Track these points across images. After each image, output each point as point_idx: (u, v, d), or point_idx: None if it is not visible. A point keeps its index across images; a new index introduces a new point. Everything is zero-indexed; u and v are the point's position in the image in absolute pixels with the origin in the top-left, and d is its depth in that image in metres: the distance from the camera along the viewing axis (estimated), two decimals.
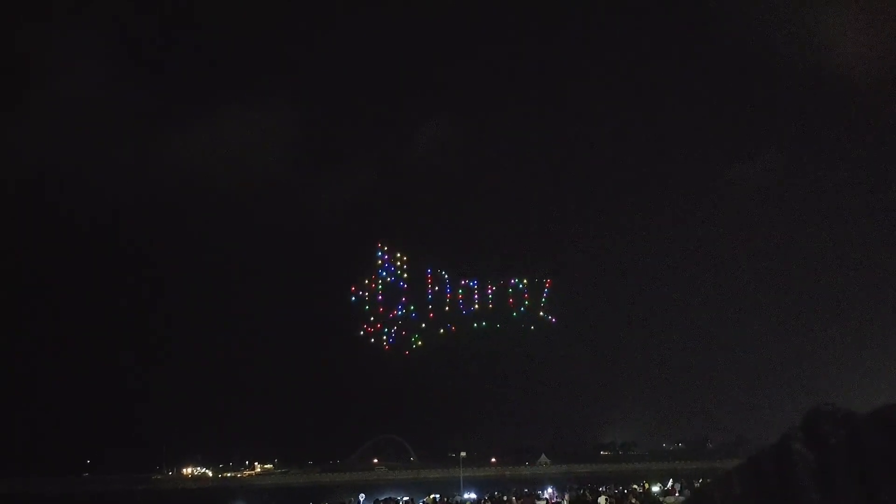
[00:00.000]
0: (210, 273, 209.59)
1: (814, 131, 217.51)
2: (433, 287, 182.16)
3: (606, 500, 27.35)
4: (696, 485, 39.59)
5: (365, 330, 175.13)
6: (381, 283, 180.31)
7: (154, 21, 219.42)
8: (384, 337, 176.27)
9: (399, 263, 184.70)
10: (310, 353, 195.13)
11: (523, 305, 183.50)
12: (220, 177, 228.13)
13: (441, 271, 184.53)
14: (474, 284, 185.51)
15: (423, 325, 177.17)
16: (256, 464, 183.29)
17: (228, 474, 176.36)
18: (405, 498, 43.42)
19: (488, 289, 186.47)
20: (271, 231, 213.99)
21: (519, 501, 39.08)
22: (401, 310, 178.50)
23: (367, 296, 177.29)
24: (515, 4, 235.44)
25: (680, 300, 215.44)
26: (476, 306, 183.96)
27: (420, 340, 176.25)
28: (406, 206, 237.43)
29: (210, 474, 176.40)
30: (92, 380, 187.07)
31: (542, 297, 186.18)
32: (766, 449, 1.10)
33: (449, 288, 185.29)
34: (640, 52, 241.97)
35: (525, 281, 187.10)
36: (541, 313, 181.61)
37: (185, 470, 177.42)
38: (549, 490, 39.17)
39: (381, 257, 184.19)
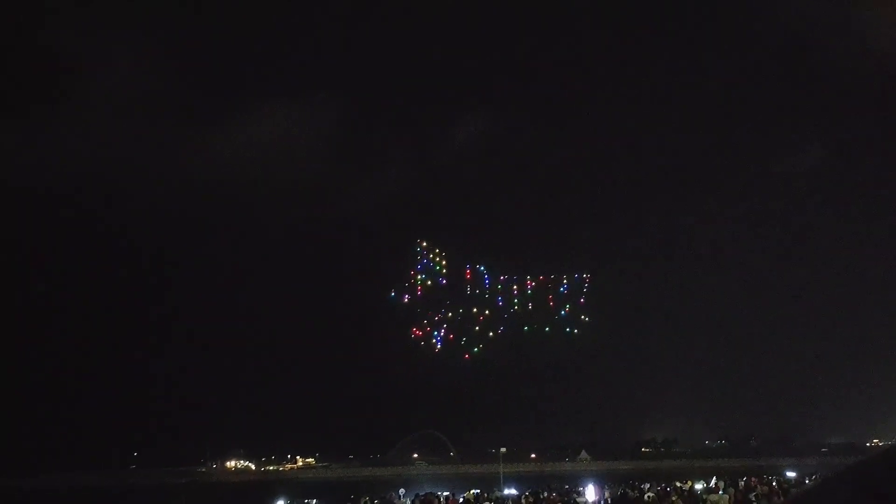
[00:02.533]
0: (253, 270, 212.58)
1: (860, 123, 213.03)
2: (473, 288, 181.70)
3: (649, 497, 27.01)
4: (741, 483, 38.92)
5: (414, 333, 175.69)
6: (420, 279, 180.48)
7: (192, 20, 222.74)
8: (433, 340, 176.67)
9: (438, 259, 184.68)
10: (351, 349, 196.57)
11: (564, 309, 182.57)
12: (258, 175, 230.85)
13: (480, 267, 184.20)
14: (514, 280, 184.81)
15: (477, 328, 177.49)
16: (298, 458, 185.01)
17: (271, 468, 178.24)
18: (445, 493, 43.42)
19: (527, 284, 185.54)
20: (312, 227, 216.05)
21: (558, 498, 38.82)
22: (444, 312, 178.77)
23: (410, 297, 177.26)
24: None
25: (724, 295, 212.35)
26: (516, 306, 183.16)
27: (480, 345, 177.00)
28: (444, 202, 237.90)
29: (253, 468, 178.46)
30: (139, 375, 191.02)
31: (583, 292, 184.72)
32: (878, 453, 1.01)
33: (488, 284, 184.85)
34: (681, 44, 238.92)
35: (565, 277, 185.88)
36: (582, 316, 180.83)
37: (228, 463, 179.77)
38: (591, 486, 38.84)
39: (421, 253, 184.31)
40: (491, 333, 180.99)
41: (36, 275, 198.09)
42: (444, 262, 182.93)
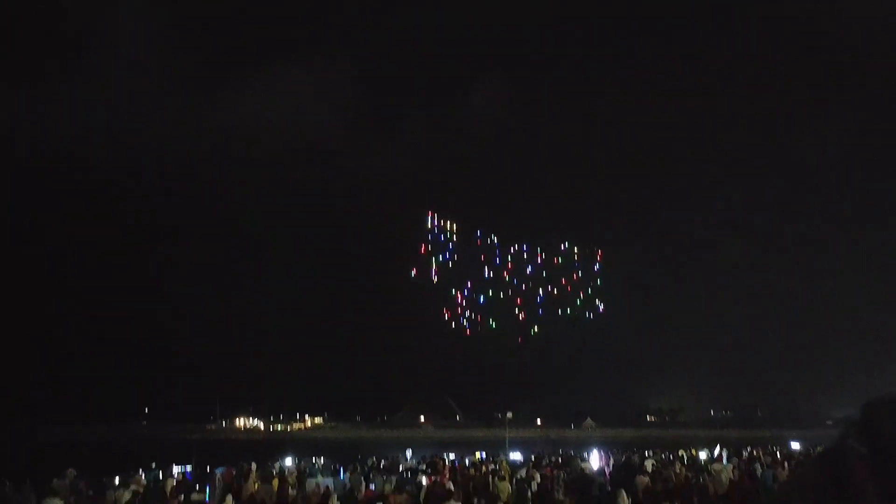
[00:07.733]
0: (265, 236, 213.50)
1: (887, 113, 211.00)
2: (486, 261, 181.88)
3: (653, 465, 27.28)
4: (745, 453, 39.21)
5: (446, 314, 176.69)
6: (433, 259, 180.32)
7: None
8: (463, 323, 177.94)
9: (448, 230, 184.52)
10: (362, 313, 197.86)
11: (580, 295, 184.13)
12: (267, 143, 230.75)
13: (492, 236, 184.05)
14: (524, 249, 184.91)
15: (516, 311, 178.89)
16: (307, 417, 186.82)
17: (279, 426, 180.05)
18: (451, 455, 43.92)
19: (538, 255, 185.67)
20: (327, 191, 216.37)
21: (563, 463, 39.13)
22: (468, 293, 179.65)
23: (436, 276, 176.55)
24: None
25: (731, 266, 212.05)
26: (540, 291, 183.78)
27: (535, 326, 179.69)
28: (456, 171, 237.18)
29: (261, 426, 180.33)
30: (152, 333, 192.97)
31: (594, 267, 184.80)
32: (832, 445, 1.12)
33: (498, 253, 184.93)
34: (705, 17, 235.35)
35: (576, 247, 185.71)
36: (596, 301, 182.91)
37: (237, 421, 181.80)
38: (595, 452, 39.18)
39: (431, 222, 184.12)
40: (521, 315, 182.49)
41: (52, 235, 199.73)
42: (454, 232, 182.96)
